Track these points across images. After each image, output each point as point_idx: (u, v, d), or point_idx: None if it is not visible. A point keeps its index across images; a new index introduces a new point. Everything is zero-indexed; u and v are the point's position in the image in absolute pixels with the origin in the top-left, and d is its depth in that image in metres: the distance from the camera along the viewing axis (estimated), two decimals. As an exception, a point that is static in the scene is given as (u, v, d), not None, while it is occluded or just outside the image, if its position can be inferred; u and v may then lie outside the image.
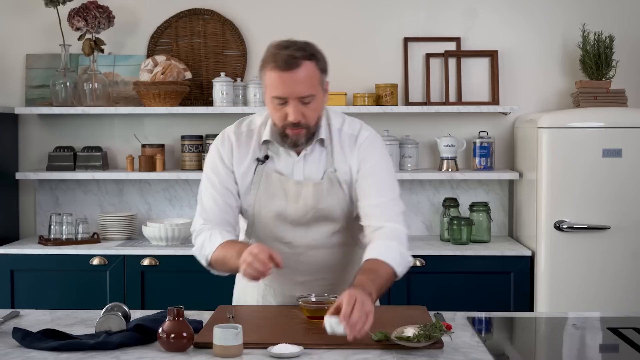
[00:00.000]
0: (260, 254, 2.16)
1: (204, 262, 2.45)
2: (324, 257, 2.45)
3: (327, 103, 2.43)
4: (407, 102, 4.34)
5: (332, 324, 2.02)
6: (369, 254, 2.29)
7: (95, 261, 3.91)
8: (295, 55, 2.26)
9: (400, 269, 2.31)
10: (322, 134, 2.41)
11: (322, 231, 2.43)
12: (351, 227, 2.46)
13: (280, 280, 2.48)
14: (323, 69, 2.34)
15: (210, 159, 2.51)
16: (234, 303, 2.65)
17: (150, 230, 4.01)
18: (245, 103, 4.24)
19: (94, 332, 2.17)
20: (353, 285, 2.14)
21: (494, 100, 4.30)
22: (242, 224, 2.54)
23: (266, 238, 2.44)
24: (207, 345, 2.05)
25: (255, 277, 2.18)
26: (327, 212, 2.41)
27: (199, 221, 2.47)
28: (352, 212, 2.44)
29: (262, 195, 2.42)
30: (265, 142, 2.43)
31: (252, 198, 2.43)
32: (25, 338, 2.10)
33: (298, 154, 2.41)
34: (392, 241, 2.32)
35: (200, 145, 4.27)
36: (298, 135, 2.34)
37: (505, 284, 3.90)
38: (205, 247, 2.40)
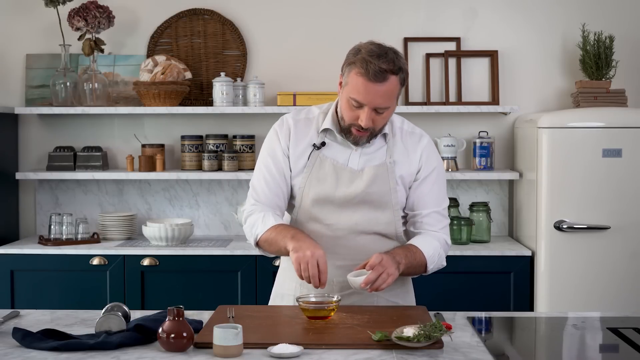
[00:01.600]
0: (320, 261, 2.27)
1: (252, 240, 2.51)
2: (364, 243, 2.48)
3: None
4: (407, 102, 4.34)
5: (352, 282, 2.28)
6: (416, 240, 2.50)
7: (95, 261, 3.91)
8: (385, 68, 2.34)
9: (432, 266, 2.49)
10: (386, 129, 2.50)
11: (368, 217, 2.48)
12: (394, 221, 2.51)
13: None
14: (403, 81, 2.42)
15: (267, 141, 2.58)
16: (272, 295, 2.66)
17: (150, 230, 4.01)
18: (245, 103, 4.24)
19: (94, 332, 2.17)
20: (386, 252, 2.37)
21: (494, 100, 4.31)
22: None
23: (309, 219, 2.50)
24: (207, 345, 2.05)
25: (305, 279, 2.29)
26: (375, 197, 2.47)
27: (249, 201, 2.55)
28: (400, 205, 2.51)
29: (313, 179, 2.49)
30: (325, 130, 2.51)
31: (302, 180, 2.50)
32: (25, 338, 2.10)
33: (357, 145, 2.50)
34: (437, 242, 2.51)
35: (200, 145, 4.27)
36: (362, 136, 2.44)
37: (505, 284, 3.90)
38: (257, 226, 2.46)
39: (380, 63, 2.34)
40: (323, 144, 2.50)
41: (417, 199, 2.53)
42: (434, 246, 2.49)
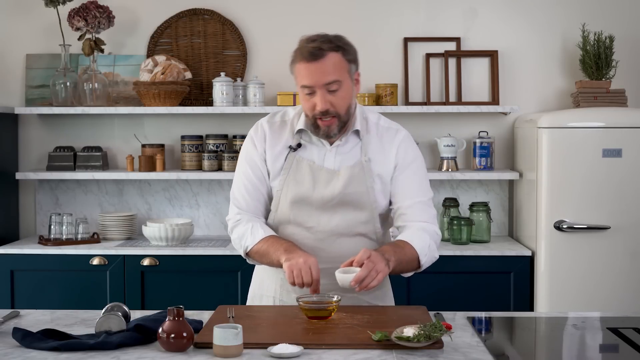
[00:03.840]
0: (313, 268, 2.29)
1: (241, 252, 2.53)
2: (346, 246, 2.47)
3: (358, 92, 2.51)
4: (407, 102, 4.34)
5: (340, 278, 2.22)
6: (404, 235, 2.43)
7: (95, 261, 3.92)
8: (321, 47, 2.36)
9: (425, 260, 2.43)
10: (358, 125, 2.48)
11: (347, 218, 2.47)
12: (375, 220, 2.50)
13: None
14: (351, 59, 2.43)
15: (244, 149, 2.59)
16: (250, 296, 2.67)
17: (150, 230, 4.01)
18: (245, 103, 4.24)
19: (94, 332, 2.17)
20: (374, 249, 2.32)
21: (494, 100, 4.31)
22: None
23: (289, 222, 2.50)
24: (207, 345, 2.05)
25: (299, 285, 2.30)
26: (353, 198, 2.46)
27: (233, 210, 2.56)
28: (379, 204, 2.49)
29: (290, 181, 2.48)
30: (299, 131, 2.50)
31: (280, 183, 2.50)
32: (25, 338, 2.10)
33: (331, 144, 2.48)
34: (425, 234, 2.45)
35: (200, 145, 4.27)
36: (329, 125, 2.42)
37: (505, 284, 3.90)
38: (247, 238, 2.48)
39: (313, 44, 2.37)
40: (299, 145, 2.50)
41: (399, 191, 2.49)
42: (424, 238, 2.43)
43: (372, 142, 2.50)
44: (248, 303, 2.65)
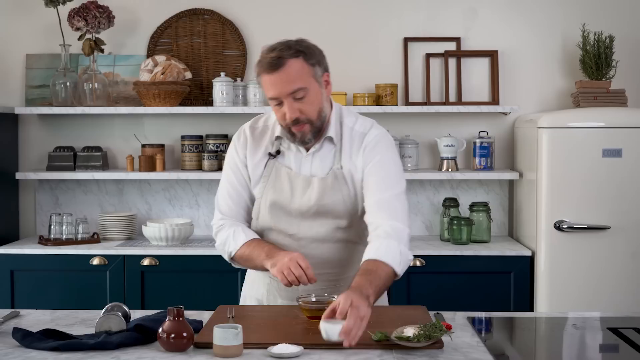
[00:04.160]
0: (299, 261, 2.26)
1: (226, 257, 2.53)
2: (328, 251, 2.46)
3: (329, 94, 2.46)
4: (407, 102, 4.34)
5: (327, 330, 2.02)
6: (367, 254, 2.30)
7: (95, 261, 3.91)
8: (280, 55, 2.30)
9: (400, 268, 2.31)
10: (331, 131, 2.45)
11: (327, 226, 2.45)
12: (357, 225, 2.47)
13: None
14: (315, 62, 2.37)
15: (227, 154, 2.58)
16: (241, 298, 2.67)
17: (150, 230, 4.01)
18: (245, 103, 4.24)
19: (94, 332, 2.17)
20: (351, 287, 2.15)
21: (494, 100, 4.31)
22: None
23: (271, 229, 2.49)
24: (207, 345, 2.05)
25: (294, 282, 2.27)
26: (330, 208, 2.43)
27: (217, 216, 2.55)
28: (357, 210, 2.46)
29: (270, 188, 2.47)
30: (278, 137, 2.48)
31: (260, 190, 2.48)
32: (25, 338, 2.10)
33: (308, 150, 2.45)
34: (391, 240, 2.31)
35: (200, 145, 4.27)
36: (303, 131, 2.38)
37: (505, 284, 3.90)
38: (229, 243, 2.48)
39: (272, 53, 2.32)
40: (278, 152, 2.48)
41: (366, 189, 2.42)
42: (391, 246, 2.30)
43: (345, 148, 2.45)
44: (240, 303, 2.66)
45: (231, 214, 2.52)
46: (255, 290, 2.60)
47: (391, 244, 2.30)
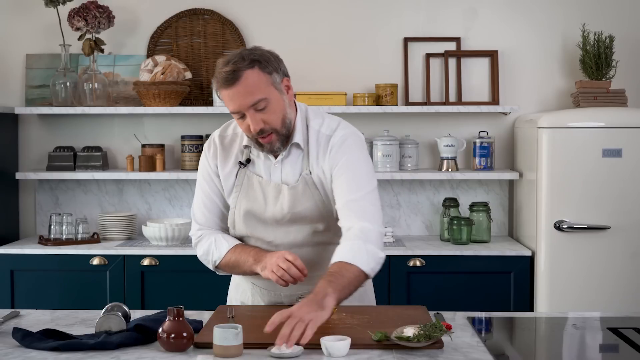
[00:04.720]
0: (287, 256, 2.27)
1: (210, 266, 2.53)
2: (307, 255, 2.43)
3: (291, 99, 2.39)
4: (407, 102, 4.34)
5: (327, 347, 2.00)
6: (334, 257, 2.28)
7: (95, 261, 3.91)
8: (234, 69, 2.26)
9: (369, 267, 2.27)
10: (297, 137, 2.40)
11: (303, 231, 2.43)
12: (334, 226, 2.43)
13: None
14: (272, 70, 2.32)
15: (200, 164, 2.56)
16: (228, 300, 2.69)
17: (150, 230, 4.01)
18: (245, 103, 4.24)
19: (94, 332, 2.17)
20: (312, 292, 2.15)
21: (494, 100, 4.31)
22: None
23: (248, 237, 2.48)
24: (207, 345, 2.05)
25: (290, 282, 2.28)
26: (304, 215, 2.41)
27: (194, 227, 2.55)
28: (332, 212, 2.43)
29: (243, 198, 2.45)
30: (246, 146, 2.45)
31: (234, 200, 2.47)
32: (25, 338, 2.10)
33: (276, 157, 2.42)
34: (358, 240, 2.28)
35: (200, 145, 4.27)
36: (270, 141, 2.35)
37: (505, 284, 3.90)
38: (212, 252, 2.48)
39: (225, 68, 2.27)
40: (248, 160, 2.45)
41: (335, 192, 2.38)
42: (357, 247, 2.26)
43: (312, 152, 2.41)
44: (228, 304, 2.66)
45: (208, 224, 2.51)
46: (241, 293, 2.62)
47: (356, 244, 2.27)
